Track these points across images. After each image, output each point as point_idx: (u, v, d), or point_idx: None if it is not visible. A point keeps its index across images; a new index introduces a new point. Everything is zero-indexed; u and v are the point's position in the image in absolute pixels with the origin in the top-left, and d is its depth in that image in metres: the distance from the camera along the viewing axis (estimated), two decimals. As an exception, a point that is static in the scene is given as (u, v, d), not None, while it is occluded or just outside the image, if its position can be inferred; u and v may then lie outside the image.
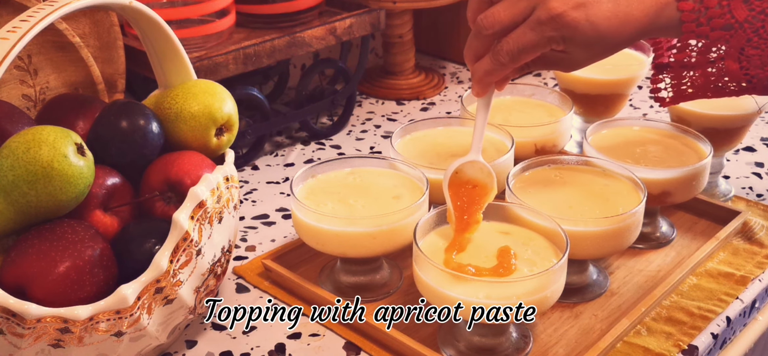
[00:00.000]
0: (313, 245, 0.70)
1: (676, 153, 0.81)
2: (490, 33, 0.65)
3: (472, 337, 0.66)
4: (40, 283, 0.55)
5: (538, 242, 0.66)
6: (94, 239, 0.58)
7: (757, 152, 1.00)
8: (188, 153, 0.66)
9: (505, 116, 0.88)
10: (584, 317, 0.70)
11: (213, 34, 0.92)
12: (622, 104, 0.97)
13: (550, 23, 0.62)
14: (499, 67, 0.66)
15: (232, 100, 0.70)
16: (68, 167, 0.56)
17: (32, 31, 0.54)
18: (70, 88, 0.82)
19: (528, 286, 0.60)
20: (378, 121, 1.12)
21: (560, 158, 0.79)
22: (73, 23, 0.81)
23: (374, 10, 1.04)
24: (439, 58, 1.35)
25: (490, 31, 0.65)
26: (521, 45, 0.64)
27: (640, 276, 0.76)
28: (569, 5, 0.62)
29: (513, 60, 0.65)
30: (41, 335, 0.55)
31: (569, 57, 0.66)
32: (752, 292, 0.73)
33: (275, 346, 0.68)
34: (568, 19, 0.62)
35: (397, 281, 0.75)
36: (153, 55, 0.70)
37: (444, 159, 0.79)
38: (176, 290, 0.59)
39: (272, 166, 0.99)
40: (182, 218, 0.58)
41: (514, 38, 0.64)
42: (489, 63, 0.67)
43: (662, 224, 0.82)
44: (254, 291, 0.75)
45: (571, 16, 0.62)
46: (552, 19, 0.62)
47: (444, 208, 0.68)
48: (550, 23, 0.62)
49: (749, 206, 0.86)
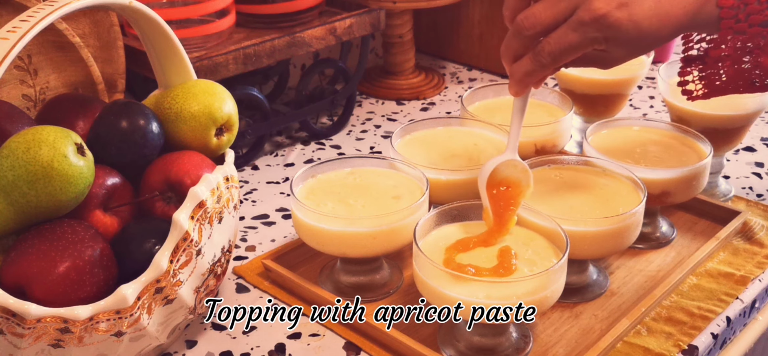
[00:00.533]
0: (313, 245, 0.70)
1: (676, 153, 0.81)
2: (531, 33, 0.64)
3: (472, 337, 0.66)
4: (40, 283, 0.55)
5: (538, 242, 0.66)
6: (94, 239, 0.58)
7: (757, 152, 1.00)
8: (188, 153, 0.66)
9: (505, 116, 0.88)
10: (584, 317, 0.70)
11: (213, 34, 0.92)
12: (622, 104, 0.97)
13: (593, 24, 0.61)
14: (540, 68, 0.65)
15: (232, 100, 0.70)
16: (68, 167, 0.56)
17: (32, 31, 0.54)
18: (70, 88, 0.82)
19: (528, 286, 0.60)
20: (378, 121, 1.12)
21: (560, 158, 0.79)
22: (73, 23, 0.81)
23: (374, 10, 1.04)
24: (439, 58, 1.35)
25: (530, 31, 0.63)
26: (563, 46, 0.62)
27: (640, 276, 0.76)
28: (612, 5, 0.61)
29: (554, 61, 0.63)
30: (41, 335, 0.55)
31: (608, 55, 0.65)
32: (752, 292, 0.73)
33: (275, 346, 0.68)
34: (611, 19, 0.61)
35: (397, 281, 0.75)
36: (153, 55, 0.70)
37: (444, 159, 0.79)
38: (176, 290, 0.60)
39: (272, 166, 0.99)
40: (182, 218, 0.58)
41: (556, 39, 0.63)
42: (529, 64, 0.65)
43: (662, 224, 0.82)
44: (254, 291, 0.75)
45: (615, 17, 0.61)
46: (596, 20, 0.61)
47: (444, 208, 0.68)
48: (593, 24, 0.61)
49: (749, 206, 0.86)
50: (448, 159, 0.79)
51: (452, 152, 0.81)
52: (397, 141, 0.81)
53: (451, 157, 0.80)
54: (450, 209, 0.69)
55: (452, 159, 0.79)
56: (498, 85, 0.94)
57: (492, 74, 1.28)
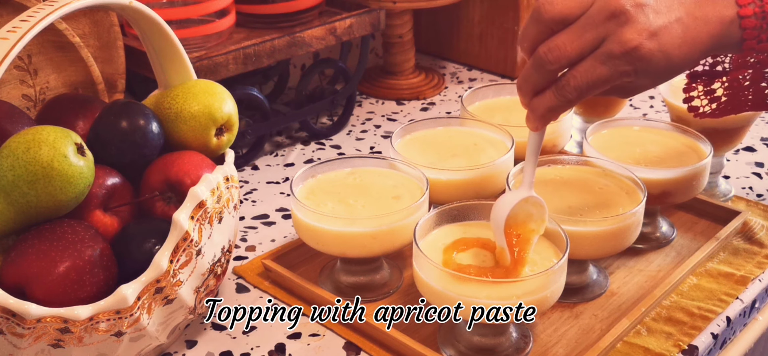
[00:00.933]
0: (313, 245, 0.70)
1: (676, 153, 0.81)
2: (555, 67, 0.58)
3: (472, 337, 0.66)
4: (40, 283, 0.55)
5: (538, 242, 0.66)
6: (94, 239, 0.58)
7: (757, 152, 1.00)
8: (188, 153, 0.66)
9: (505, 116, 0.88)
10: (584, 317, 0.70)
11: (213, 34, 0.92)
12: (622, 104, 0.97)
13: (624, 57, 0.57)
14: (565, 104, 0.59)
15: (232, 100, 0.70)
16: (68, 167, 0.56)
17: (32, 31, 0.54)
18: (70, 88, 0.82)
19: (528, 286, 0.60)
20: (378, 121, 1.12)
21: (560, 158, 0.79)
22: (73, 23, 0.81)
23: (374, 10, 1.04)
24: (439, 58, 1.35)
25: (555, 65, 0.58)
26: (591, 80, 0.58)
27: (640, 275, 0.76)
28: (643, 35, 0.57)
29: (580, 96, 0.59)
30: (41, 335, 0.55)
31: (633, 86, 0.61)
32: (752, 292, 0.73)
33: (275, 346, 0.68)
34: (643, 51, 0.57)
35: (397, 281, 0.75)
36: (153, 55, 0.70)
37: (444, 159, 0.79)
38: (176, 290, 0.59)
39: (272, 166, 0.99)
40: (182, 218, 0.58)
41: (584, 73, 0.58)
42: (553, 99, 0.60)
43: (662, 224, 0.82)
44: (254, 291, 0.75)
45: (647, 48, 0.57)
46: (627, 52, 0.57)
47: (444, 208, 0.68)
48: (624, 57, 0.57)
49: (749, 206, 0.86)
50: (448, 159, 0.79)
51: (452, 152, 0.81)
52: (397, 141, 0.81)
53: (451, 157, 0.80)
54: (450, 209, 0.69)
55: (452, 159, 0.79)
56: (498, 86, 0.94)
57: (492, 74, 1.28)
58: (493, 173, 0.75)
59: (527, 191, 0.64)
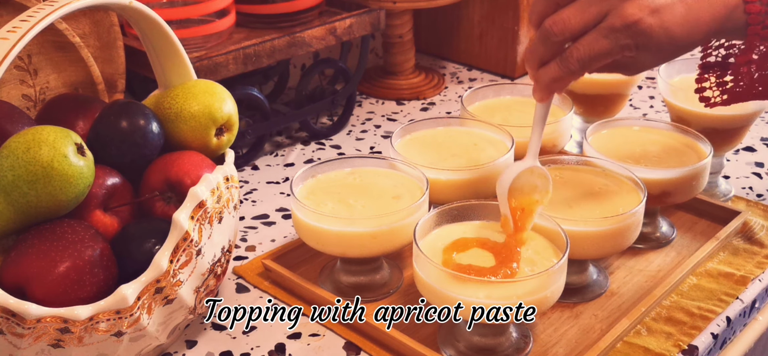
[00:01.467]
0: (313, 245, 0.70)
1: (676, 153, 0.81)
2: (560, 39, 0.62)
3: (472, 337, 0.66)
4: (40, 283, 0.55)
5: (538, 242, 0.66)
6: (94, 239, 0.58)
7: (757, 152, 1.00)
8: (188, 153, 0.66)
9: (505, 116, 0.88)
10: (584, 317, 0.70)
11: (213, 34, 0.92)
12: (622, 104, 0.97)
13: (625, 31, 0.60)
14: (569, 75, 0.63)
15: (232, 100, 0.70)
16: (68, 167, 0.56)
17: (32, 31, 0.54)
18: (70, 88, 0.82)
19: (528, 286, 0.60)
20: (378, 121, 1.12)
21: (560, 158, 0.79)
22: (73, 23, 0.81)
23: (374, 10, 1.04)
24: (439, 58, 1.35)
25: (559, 37, 0.62)
26: (594, 52, 0.61)
27: (640, 275, 0.76)
28: (645, 11, 0.59)
29: (583, 67, 0.62)
30: (41, 335, 0.55)
31: (636, 61, 0.64)
32: (752, 292, 0.73)
33: (275, 346, 0.68)
34: (644, 26, 0.60)
35: (397, 281, 0.75)
36: (153, 55, 0.70)
37: (444, 159, 0.79)
38: (176, 290, 0.60)
39: (272, 166, 0.99)
40: (182, 218, 0.58)
41: (586, 45, 0.61)
42: (557, 70, 0.63)
43: (662, 224, 0.82)
44: (254, 291, 0.75)
45: (647, 23, 0.60)
46: (628, 26, 0.60)
47: (444, 208, 0.68)
48: (625, 31, 0.60)
49: (749, 206, 0.86)
50: (448, 159, 0.79)
51: (452, 152, 0.81)
52: (397, 141, 0.81)
53: (451, 157, 0.80)
54: (450, 209, 0.69)
55: (452, 159, 0.79)
56: (498, 86, 0.94)
57: (492, 74, 1.28)
58: (493, 173, 0.75)
59: (532, 161, 0.68)
